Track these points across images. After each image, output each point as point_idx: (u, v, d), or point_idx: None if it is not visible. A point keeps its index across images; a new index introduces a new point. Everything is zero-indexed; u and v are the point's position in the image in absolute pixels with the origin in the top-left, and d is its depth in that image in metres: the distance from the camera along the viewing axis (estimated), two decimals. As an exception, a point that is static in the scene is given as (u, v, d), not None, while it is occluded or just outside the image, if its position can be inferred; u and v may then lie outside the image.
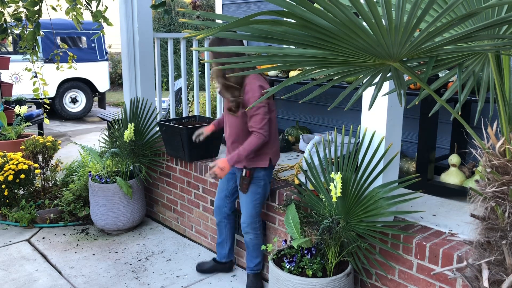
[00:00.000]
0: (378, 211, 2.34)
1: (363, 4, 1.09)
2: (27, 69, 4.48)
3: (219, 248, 3.26)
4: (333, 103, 1.51)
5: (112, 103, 11.93)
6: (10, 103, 7.79)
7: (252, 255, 3.04)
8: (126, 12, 4.18)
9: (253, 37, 1.16)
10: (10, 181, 4.07)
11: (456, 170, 2.98)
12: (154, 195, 4.30)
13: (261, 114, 2.65)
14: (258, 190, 2.88)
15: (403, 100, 1.49)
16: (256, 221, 2.94)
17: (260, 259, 3.05)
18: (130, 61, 4.27)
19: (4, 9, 3.97)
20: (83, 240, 3.85)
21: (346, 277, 2.38)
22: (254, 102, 2.37)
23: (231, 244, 3.25)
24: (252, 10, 4.74)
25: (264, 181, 2.88)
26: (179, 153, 3.69)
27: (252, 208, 2.90)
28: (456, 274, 1.64)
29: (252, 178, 2.84)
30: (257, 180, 2.86)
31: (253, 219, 2.92)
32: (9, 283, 3.17)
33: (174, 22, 14.17)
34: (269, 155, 2.83)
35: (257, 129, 2.67)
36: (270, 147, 2.82)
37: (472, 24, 1.41)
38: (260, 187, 2.87)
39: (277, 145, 2.91)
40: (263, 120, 2.66)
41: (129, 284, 3.16)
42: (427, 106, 2.87)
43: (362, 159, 2.44)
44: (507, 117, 1.43)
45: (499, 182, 1.40)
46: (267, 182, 2.91)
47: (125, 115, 4.07)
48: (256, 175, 2.85)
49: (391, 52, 1.22)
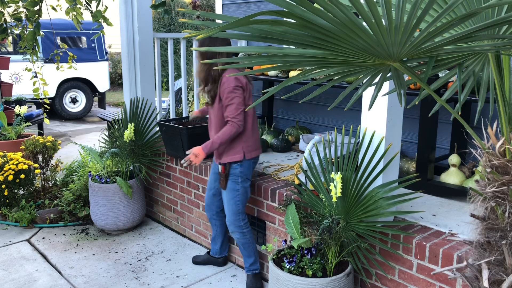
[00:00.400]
0: (378, 211, 2.34)
1: (363, 4, 1.09)
2: (27, 69, 4.48)
3: (213, 244, 3.37)
4: (333, 103, 1.51)
5: (112, 103, 11.93)
6: (10, 103, 7.79)
7: (244, 254, 3.07)
8: (126, 12, 4.18)
9: (253, 37, 1.16)
10: (10, 181, 4.07)
11: (456, 170, 2.98)
12: (154, 195, 4.30)
13: (235, 104, 2.78)
14: (237, 187, 2.93)
15: (403, 100, 1.49)
16: (239, 219, 2.97)
17: (253, 258, 3.06)
18: (130, 61, 4.27)
19: (4, 9, 3.97)
20: (83, 240, 3.85)
21: (346, 277, 2.38)
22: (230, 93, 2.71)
23: (222, 241, 3.32)
24: (252, 10, 4.75)
25: (241, 178, 2.93)
26: (179, 153, 3.69)
27: (234, 205, 2.95)
28: (456, 274, 1.64)
29: (228, 175, 2.92)
30: (234, 177, 2.92)
31: (236, 217, 2.97)
32: (9, 283, 3.17)
33: (174, 22, 14.17)
34: (242, 148, 2.89)
35: (231, 118, 2.78)
36: (245, 140, 2.89)
37: (472, 24, 1.41)
38: (238, 183, 2.93)
39: (254, 140, 2.96)
40: (237, 110, 2.77)
41: (129, 284, 3.16)
42: (427, 106, 2.87)
43: (362, 159, 2.44)
44: (507, 117, 1.43)
45: (499, 182, 1.40)
46: (245, 179, 2.95)
47: (125, 115, 4.07)
48: (233, 171, 2.91)
49: (391, 52, 1.22)
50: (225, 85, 2.81)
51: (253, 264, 3.08)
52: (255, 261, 3.08)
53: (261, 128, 4.32)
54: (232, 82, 2.80)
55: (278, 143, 4.03)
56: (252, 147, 2.94)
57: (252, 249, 3.05)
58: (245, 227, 3.00)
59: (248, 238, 3.02)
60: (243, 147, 2.89)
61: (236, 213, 2.96)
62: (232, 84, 2.79)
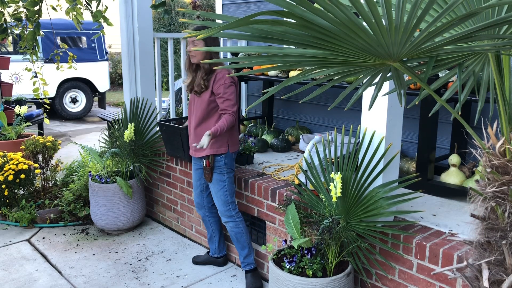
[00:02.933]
0: (378, 211, 2.34)
1: (363, 4, 1.09)
2: (27, 69, 4.49)
3: (210, 244, 3.40)
4: (333, 103, 1.51)
5: (112, 103, 11.93)
6: (10, 103, 7.79)
7: (238, 247, 3.11)
8: (126, 12, 4.18)
9: (253, 37, 1.16)
10: (10, 181, 4.07)
11: (456, 170, 2.98)
12: (154, 195, 4.30)
13: (233, 100, 2.96)
14: (223, 178, 3.04)
15: (403, 100, 1.49)
16: (231, 209, 3.07)
17: (247, 250, 3.10)
18: (130, 61, 4.27)
19: (4, 9, 3.97)
20: (83, 240, 3.85)
21: (346, 277, 2.38)
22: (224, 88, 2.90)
23: (219, 238, 3.36)
24: (252, 10, 4.75)
25: (226, 169, 3.04)
26: (179, 153, 3.69)
27: (222, 195, 3.05)
28: (456, 274, 1.64)
29: (213, 167, 3.01)
30: (219, 169, 3.03)
31: (227, 207, 3.06)
32: (9, 283, 3.17)
33: (174, 22, 14.17)
34: (227, 142, 3.03)
35: (230, 112, 2.94)
36: (230, 134, 3.04)
37: (472, 24, 1.41)
38: (224, 174, 3.04)
39: (237, 136, 3.15)
40: (234, 106, 2.97)
41: (129, 284, 3.16)
42: (427, 106, 2.87)
43: (362, 159, 2.44)
44: (507, 117, 1.43)
45: (499, 182, 1.40)
46: (230, 170, 3.07)
47: (125, 115, 4.07)
48: (217, 164, 3.03)
49: (391, 52, 1.22)
50: (221, 80, 2.94)
51: (247, 257, 3.10)
52: (249, 254, 3.11)
53: (261, 128, 4.32)
54: (228, 78, 2.96)
55: (278, 143, 4.03)
56: (235, 142, 3.11)
57: (245, 239, 3.10)
58: (237, 216, 3.10)
59: (241, 228, 3.09)
60: (228, 141, 3.03)
61: (226, 203, 3.06)
62: (229, 80, 2.95)
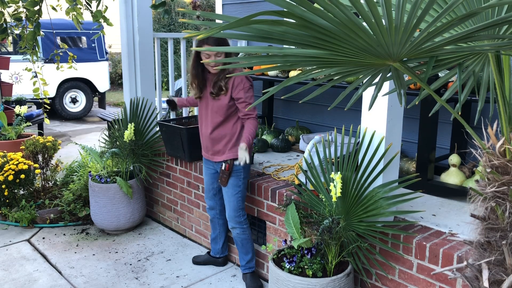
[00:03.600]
0: (378, 211, 2.34)
1: (363, 4, 1.09)
2: (27, 69, 4.49)
3: (213, 244, 3.39)
4: (333, 103, 1.51)
5: (112, 103, 11.93)
6: (10, 103, 7.79)
7: (242, 251, 3.10)
8: (126, 12, 4.18)
9: (253, 37, 1.16)
10: (10, 181, 4.07)
11: (456, 170, 2.98)
12: (154, 195, 4.30)
13: (252, 102, 2.93)
14: (239, 183, 2.98)
15: (403, 100, 1.49)
16: (240, 215, 3.03)
17: (251, 255, 3.10)
18: (130, 61, 4.27)
19: (4, 9, 3.97)
20: (83, 240, 3.85)
21: (346, 277, 2.38)
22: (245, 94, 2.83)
23: (224, 240, 3.35)
24: (252, 10, 4.75)
25: (243, 174, 2.98)
26: (179, 153, 3.69)
27: (235, 201, 2.99)
28: (456, 274, 1.64)
29: (231, 171, 2.96)
30: (237, 173, 2.97)
31: (237, 213, 3.02)
32: (9, 283, 3.17)
33: (174, 22, 14.17)
34: None
35: (254, 115, 2.90)
36: None
37: (472, 24, 1.41)
38: (240, 180, 2.98)
39: None
40: (255, 109, 2.97)
41: (129, 284, 3.16)
42: (427, 106, 2.87)
43: (362, 159, 2.44)
44: (507, 117, 1.43)
45: (499, 182, 1.40)
46: (246, 175, 3.02)
47: (125, 115, 4.07)
48: (236, 168, 2.95)
49: (391, 52, 1.22)
50: (240, 85, 2.85)
51: (250, 261, 3.11)
52: (252, 259, 3.11)
53: (261, 128, 4.32)
54: (247, 81, 2.88)
55: (278, 143, 4.03)
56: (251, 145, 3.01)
57: (250, 245, 3.09)
58: (245, 222, 3.06)
59: (247, 234, 3.07)
60: None
61: (237, 209, 3.01)
62: (248, 84, 2.88)
